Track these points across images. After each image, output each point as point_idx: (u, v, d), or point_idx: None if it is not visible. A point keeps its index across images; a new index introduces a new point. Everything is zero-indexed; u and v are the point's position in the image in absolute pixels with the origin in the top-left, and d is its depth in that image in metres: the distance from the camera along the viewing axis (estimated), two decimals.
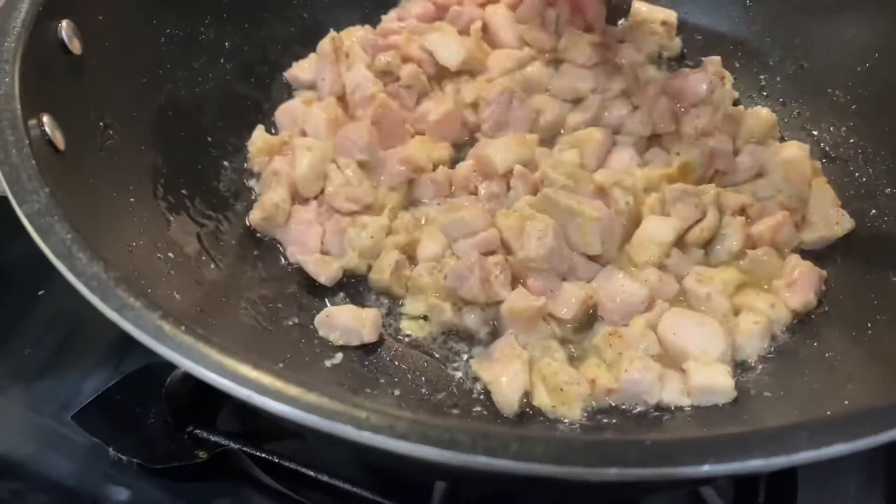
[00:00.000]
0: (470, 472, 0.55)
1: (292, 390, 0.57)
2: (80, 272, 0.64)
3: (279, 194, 1.10)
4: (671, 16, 1.36)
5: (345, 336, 1.00)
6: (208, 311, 0.92)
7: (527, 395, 0.91)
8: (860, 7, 1.19)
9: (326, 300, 1.07)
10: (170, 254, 0.97)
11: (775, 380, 0.93)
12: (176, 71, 1.16)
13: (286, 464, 0.99)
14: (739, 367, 0.96)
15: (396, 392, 0.94)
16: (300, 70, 1.32)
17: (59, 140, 0.86)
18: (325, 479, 0.98)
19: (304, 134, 1.19)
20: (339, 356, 0.98)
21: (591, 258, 1.03)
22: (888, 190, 1.06)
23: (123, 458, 1.04)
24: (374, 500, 0.97)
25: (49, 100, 0.88)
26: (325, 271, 1.07)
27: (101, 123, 0.99)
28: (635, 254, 1.03)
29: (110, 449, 1.04)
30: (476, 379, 0.96)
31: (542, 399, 0.90)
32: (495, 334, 1.01)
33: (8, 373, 1.16)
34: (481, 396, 0.94)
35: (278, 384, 0.57)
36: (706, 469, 0.53)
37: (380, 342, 1.01)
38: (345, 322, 1.00)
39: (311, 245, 1.09)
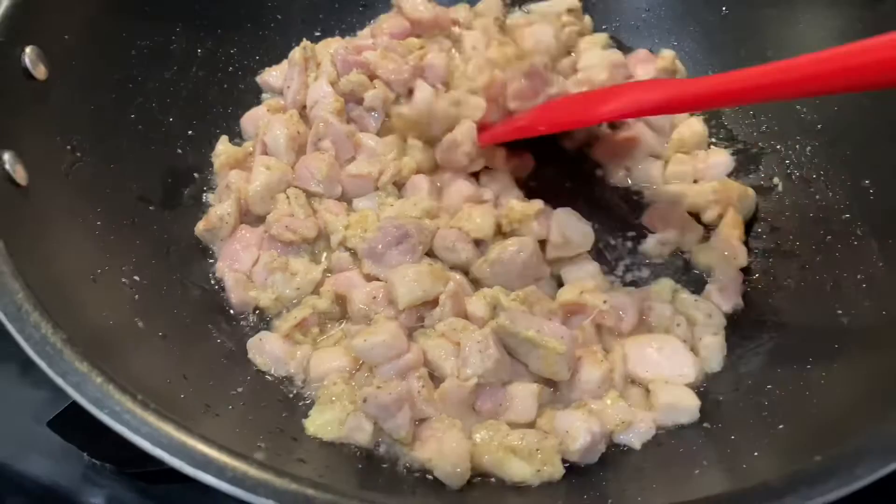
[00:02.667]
0: None
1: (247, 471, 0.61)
2: (28, 335, 0.68)
3: (226, 208, 1.12)
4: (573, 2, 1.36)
5: (271, 364, 1.00)
6: (171, 337, 0.96)
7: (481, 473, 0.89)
8: (833, 24, 1.18)
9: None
10: (135, 277, 0.99)
11: (717, 412, 0.97)
12: (146, 83, 1.18)
13: None
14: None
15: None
16: (271, 76, 1.33)
17: (21, 175, 0.88)
18: None
19: (264, 145, 1.20)
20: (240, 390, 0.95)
21: None
22: (845, 216, 1.07)
23: (97, 462, 1.09)
24: None
25: (11, 134, 0.90)
26: (240, 294, 1.07)
27: (68, 147, 1.01)
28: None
29: (84, 454, 1.08)
30: (409, 468, 0.90)
31: (522, 471, 0.87)
32: None
33: None
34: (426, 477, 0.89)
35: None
36: None
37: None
38: (274, 350, 1.00)
39: (240, 265, 1.10)
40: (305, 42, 1.28)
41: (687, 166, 1.23)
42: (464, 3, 1.41)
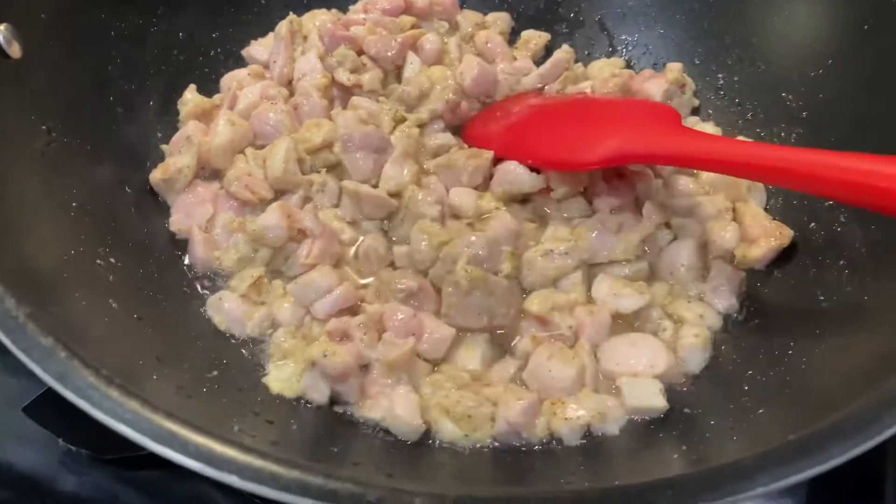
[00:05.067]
0: None
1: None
2: None
3: (185, 160, 1.11)
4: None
5: (228, 323, 1.01)
6: (146, 319, 0.94)
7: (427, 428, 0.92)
8: (819, 11, 1.18)
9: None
10: (111, 259, 0.98)
11: (698, 397, 0.96)
12: (125, 66, 1.16)
13: None
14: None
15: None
16: (256, 50, 1.32)
17: None
18: None
19: (235, 100, 1.20)
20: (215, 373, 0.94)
21: None
22: (828, 203, 1.06)
23: (73, 448, 1.08)
24: None
25: None
26: (205, 252, 1.07)
27: (42, 126, 1.00)
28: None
29: (60, 440, 1.07)
30: (365, 424, 0.93)
31: (451, 433, 0.90)
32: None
33: None
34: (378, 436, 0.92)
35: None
36: None
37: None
38: (233, 309, 1.01)
39: (196, 220, 1.10)
40: (292, 15, 1.27)
41: None
42: (477, 11, 1.41)
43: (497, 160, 1.13)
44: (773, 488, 0.57)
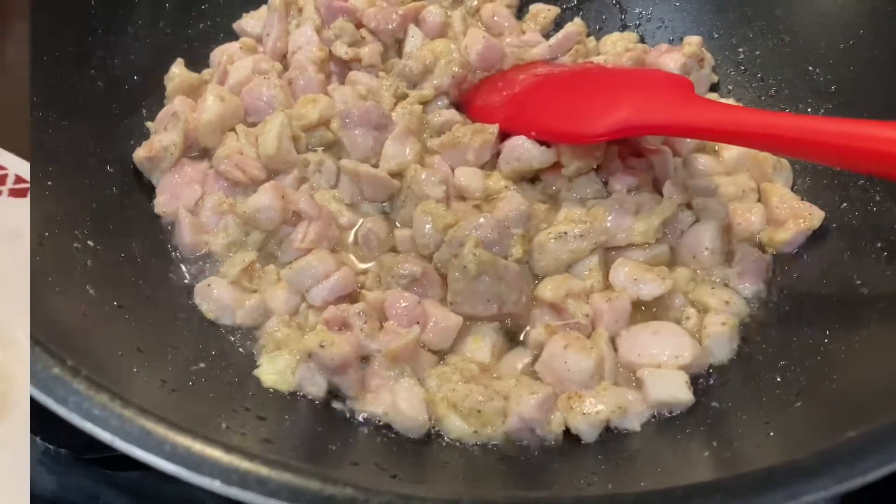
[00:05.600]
0: None
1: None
2: None
3: (171, 137, 1.05)
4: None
5: (217, 311, 0.95)
6: (127, 307, 0.88)
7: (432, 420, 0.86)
8: None
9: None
10: (89, 241, 0.92)
11: (726, 389, 0.89)
12: (108, 38, 1.10)
13: None
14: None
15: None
16: (248, 23, 1.26)
17: None
18: None
19: (225, 75, 1.14)
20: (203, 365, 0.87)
21: None
22: (861, 181, 0.99)
23: (51, 447, 1.01)
24: None
25: None
26: (192, 237, 1.00)
27: None
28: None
29: (38, 438, 1.00)
30: (366, 420, 0.86)
31: (459, 429, 0.84)
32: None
33: None
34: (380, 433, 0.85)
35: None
36: None
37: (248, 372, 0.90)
38: (222, 296, 0.95)
39: (183, 202, 1.03)
40: None
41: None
42: None
43: (503, 136, 1.06)
44: (834, 492, 0.50)
